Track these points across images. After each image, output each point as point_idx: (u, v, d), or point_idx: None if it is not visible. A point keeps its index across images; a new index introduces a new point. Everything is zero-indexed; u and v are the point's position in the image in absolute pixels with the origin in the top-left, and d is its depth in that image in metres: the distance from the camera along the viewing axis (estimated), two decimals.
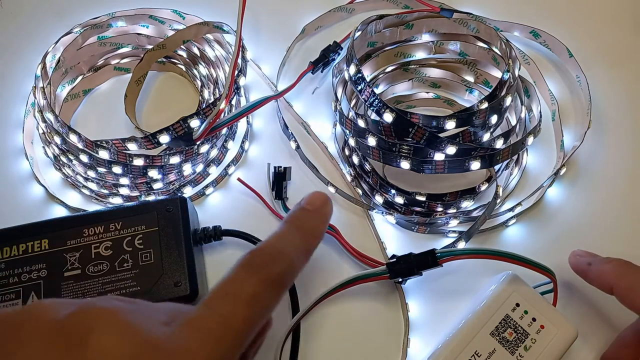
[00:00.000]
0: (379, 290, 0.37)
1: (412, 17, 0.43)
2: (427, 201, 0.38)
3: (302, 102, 0.44)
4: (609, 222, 0.39)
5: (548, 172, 0.40)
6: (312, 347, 0.35)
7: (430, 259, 0.33)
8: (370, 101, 0.36)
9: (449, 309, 0.36)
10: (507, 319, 0.32)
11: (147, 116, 0.44)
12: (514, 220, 0.39)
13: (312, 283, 0.36)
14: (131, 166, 0.37)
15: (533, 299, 0.33)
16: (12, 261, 0.32)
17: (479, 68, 0.43)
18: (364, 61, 0.43)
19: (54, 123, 0.38)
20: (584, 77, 0.42)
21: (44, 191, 0.41)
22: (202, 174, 0.41)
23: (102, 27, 0.44)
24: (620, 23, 0.47)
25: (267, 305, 0.23)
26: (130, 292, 0.32)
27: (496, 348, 0.32)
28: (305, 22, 0.46)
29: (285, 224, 0.26)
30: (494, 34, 0.41)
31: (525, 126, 0.41)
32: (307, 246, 0.26)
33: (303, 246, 0.25)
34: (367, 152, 0.37)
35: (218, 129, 0.37)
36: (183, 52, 0.45)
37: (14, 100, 0.45)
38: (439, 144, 0.35)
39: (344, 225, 0.38)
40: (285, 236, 0.25)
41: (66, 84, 0.44)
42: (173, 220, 0.34)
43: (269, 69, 0.45)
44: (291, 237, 0.25)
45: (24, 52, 0.47)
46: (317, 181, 0.40)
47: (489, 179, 0.39)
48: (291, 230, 0.26)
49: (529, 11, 0.47)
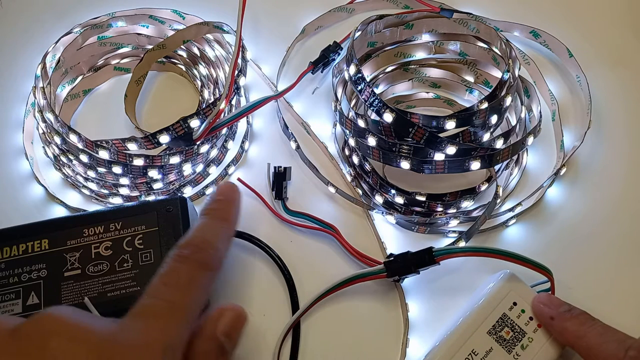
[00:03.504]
0: (379, 290, 0.37)
1: (412, 17, 0.43)
2: (427, 201, 0.38)
3: (302, 102, 0.44)
4: (608, 222, 0.39)
5: (548, 172, 0.40)
6: (311, 346, 0.35)
7: (428, 257, 0.33)
8: (370, 101, 0.36)
9: (448, 309, 0.36)
10: (504, 317, 0.32)
11: (147, 116, 0.44)
12: (514, 220, 0.39)
13: (312, 283, 0.36)
14: (131, 166, 0.37)
15: (530, 297, 0.33)
16: (12, 261, 0.32)
17: (479, 68, 0.43)
18: (364, 61, 0.43)
19: (54, 123, 0.38)
20: (584, 77, 0.42)
21: (44, 191, 0.41)
22: (202, 174, 0.41)
23: (102, 27, 0.44)
24: (621, 23, 0.47)
25: (202, 287, 0.26)
26: (130, 292, 0.32)
27: (493, 347, 0.32)
28: (305, 22, 0.46)
29: (203, 216, 0.29)
30: (494, 34, 0.41)
31: (525, 126, 0.41)
32: (227, 232, 0.29)
33: (223, 232, 0.28)
34: (367, 152, 0.37)
35: (218, 129, 0.37)
36: (183, 52, 0.45)
37: (14, 100, 0.45)
38: (439, 144, 0.35)
39: (344, 225, 0.38)
40: (206, 226, 0.28)
41: (66, 84, 0.44)
42: (173, 220, 0.34)
43: (269, 69, 0.45)
44: (211, 226, 0.28)
45: (24, 52, 0.47)
46: (317, 181, 0.40)
47: (489, 179, 0.39)
48: (210, 220, 0.29)
49: (529, 11, 0.47)
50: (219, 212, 0.29)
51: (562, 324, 0.31)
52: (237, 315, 0.27)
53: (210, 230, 0.28)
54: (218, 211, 0.29)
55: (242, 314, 0.27)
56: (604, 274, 0.37)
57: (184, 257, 0.26)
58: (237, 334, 0.26)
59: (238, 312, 0.27)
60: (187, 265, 0.26)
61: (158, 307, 0.24)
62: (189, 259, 0.26)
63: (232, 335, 0.26)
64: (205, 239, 0.27)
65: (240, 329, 0.27)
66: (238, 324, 0.27)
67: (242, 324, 0.27)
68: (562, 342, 0.32)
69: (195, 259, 0.26)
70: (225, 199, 0.30)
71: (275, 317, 0.36)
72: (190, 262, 0.26)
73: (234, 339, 0.26)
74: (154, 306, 0.24)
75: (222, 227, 0.29)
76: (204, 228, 0.28)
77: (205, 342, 0.25)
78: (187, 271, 0.26)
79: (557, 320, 0.31)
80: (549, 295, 0.33)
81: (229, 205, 0.30)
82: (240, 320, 0.27)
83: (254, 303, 0.36)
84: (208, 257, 0.27)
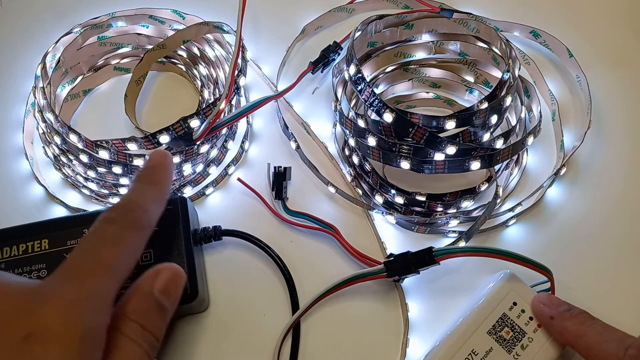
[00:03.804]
0: (379, 290, 0.37)
1: (412, 17, 0.43)
2: (427, 201, 0.38)
3: (302, 102, 0.44)
4: (608, 222, 0.39)
5: (548, 172, 0.40)
6: (311, 346, 0.35)
7: (428, 257, 0.33)
8: (370, 101, 0.36)
9: (448, 309, 0.36)
10: (504, 317, 0.32)
11: (147, 116, 0.44)
12: (514, 220, 0.39)
13: (312, 283, 0.36)
14: (131, 166, 0.37)
15: (530, 297, 0.33)
16: (12, 261, 0.32)
17: (479, 68, 0.43)
18: (364, 61, 0.43)
19: (54, 123, 0.38)
20: (584, 77, 0.42)
21: (44, 191, 0.41)
22: (202, 174, 0.41)
23: (102, 27, 0.44)
24: (621, 23, 0.47)
25: (129, 245, 0.26)
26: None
27: (493, 347, 0.32)
28: (305, 22, 0.46)
29: (134, 182, 0.29)
30: (494, 34, 0.41)
31: (525, 126, 0.41)
32: (156, 195, 0.29)
33: (152, 196, 0.28)
34: (367, 152, 0.37)
35: (218, 129, 0.37)
36: (183, 52, 0.45)
37: (14, 100, 0.45)
38: (439, 144, 0.35)
39: (344, 225, 0.38)
40: (134, 190, 0.28)
41: (66, 84, 0.44)
42: (173, 220, 0.34)
43: (269, 69, 0.45)
44: (139, 189, 0.28)
45: (24, 52, 0.47)
46: (317, 181, 0.40)
47: (489, 179, 0.39)
48: (140, 185, 0.29)
49: (529, 11, 0.47)
50: (149, 176, 0.29)
51: (562, 324, 0.31)
52: (174, 273, 0.27)
53: (138, 193, 0.28)
54: (147, 176, 0.29)
55: (178, 272, 0.27)
56: (604, 274, 0.37)
57: (110, 218, 0.26)
58: (175, 292, 0.27)
59: (174, 270, 0.27)
60: (113, 225, 0.26)
61: (83, 262, 0.24)
62: (115, 220, 0.26)
63: (169, 293, 0.26)
64: (132, 201, 0.27)
65: (178, 287, 0.27)
66: (175, 282, 0.27)
67: (179, 282, 0.27)
68: (562, 342, 0.32)
69: (121, 220, 0.26)
70: (155, 164, 0.30)
71: (275, 317, 0.36)
72: (116, 223, 0.26)
73: (172, 296, 0.26)
74: (78, 261, 0.24)
75: (151, 189, 0.29)
76: (131, 191, 0.28)
77: (142, 300, 0.25)
78: (112, 230, 0.25)
79: (557, 319, 0.31)
80: (548, 295, 0.33)
81: (158, 169, 0.30)
82: (177, 278, 0.27)
83: (254, 303, 0.36)
84: (135, 217, 0.26)
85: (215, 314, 0.36)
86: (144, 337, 0.25)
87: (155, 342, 0.25)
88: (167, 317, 0.26)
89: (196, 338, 0.35)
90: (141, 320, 0.25)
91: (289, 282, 0.36)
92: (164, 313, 0.26)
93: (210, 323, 0.36)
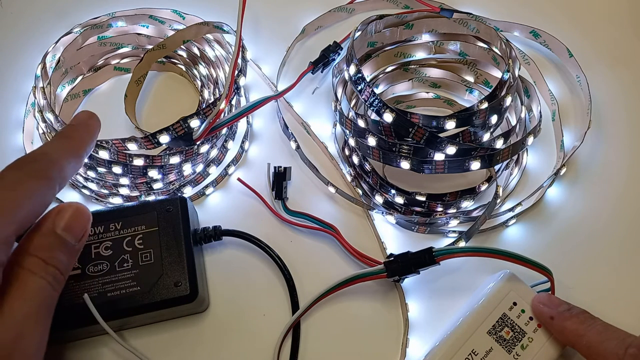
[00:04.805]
0: (379, 290, 0.37)
1: (412, 17, 0.43)
2: (427, 201, 0.38)
3: (302, 102, 0.44)
4: (608, 222, 0.39)
5: (548, 172, 0.40)
6: (311, 346, 0.35)
7: (428, 257, 0.33)
8: (370, 101, 0.36)
9: (448, 309, 0.36)
10: (504, 317, 0.32)
11: (147, 116, 0.44)
12: (514, 220, 0.39)
13: (312, 283, 0.36)
14: (131, 166, 0.37)
15: (530, 297, 0.33)
16: None
17: (479, 68, 0.43)
18: (364, 61, 0.43)
19: (54, 123, 0.38)
20: (584, 77, 0.42)
21: None
22: (202, 174, 0.41)
23: (102, 27, 0.44)
24: (621, 23, 0.47)
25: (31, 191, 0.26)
26: (130, 292, 0.32)
27: (493, 347, 0.32)
28: (305, 22, 0.46)
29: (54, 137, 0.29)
30: (494, 34, 0.41)
31: (525, 126, 0.41)
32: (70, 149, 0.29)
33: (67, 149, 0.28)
34: (367, 152, 0.37)
35: (218, 129, 0.37)
36: (183, 52, 0.45)
37: (14, 100, 0.45)
38: (439, 144, 0.35)
39: (344, 225, 0.38)
40: (51, 144, 0.29)
41: (66, 84, 0.44)
42: (173, 220, 0.34)
43: (269, 69, 0.45)
44: (52, 142, 0.29)
45: (24, 52, 0.47)
46: (317, 181, 0.40)
47: (489, 179, 0.39)
48: (57, 139, 0.29)
49: (529, 11, 0.47)
50: (67, 132, 0.30)
51: (562, 323, 0.31)
52: (77, 209, 0.27)
53: (53, 147, 0.28)
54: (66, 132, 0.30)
55: (81, 209, 0.27)
56: (604, 274, 0.37)
57: (15, 166, 0.26)
58: (79, 228, 0.27)
59: (77, 207, 0.27)
60: (16, 172, 0.26)
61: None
62: (19, 167, 0.26)
63: (73, 229, 0.26)
64: (43, 152, 0.27)
65: (83, 223, 0.27)
66: (79, 218, 0.27)
67: (84, 219, 0.27)
68: (563, 342, 0.32)
69: (25, 167, 0.26)
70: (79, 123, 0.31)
71: (275, 317, 0.36)
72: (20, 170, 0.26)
73: (77, 233, 0.27)
74: None
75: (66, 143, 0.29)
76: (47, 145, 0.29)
77: (44, 237, 0.26)
78: (13, 175, 0.25)
79: (557, 319, 0.31)
80: (548, 295, 0.33)
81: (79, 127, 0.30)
82: (80, 214, 0.27)
83: (254, 303, 0.36)
84: (41, 166, 0.26)
85: (215, 314, 0.36)
86: (47, 270, 0.25)
87: (60, 275, 0.26)
88: (73, 252, 0.27)
89: (196, 338, 0.35)
90: (42, 254, 0.25)
91: (289, 282, 0.36)
92: (68, 248, 0.26)
93: (210, 323, 0.36)
